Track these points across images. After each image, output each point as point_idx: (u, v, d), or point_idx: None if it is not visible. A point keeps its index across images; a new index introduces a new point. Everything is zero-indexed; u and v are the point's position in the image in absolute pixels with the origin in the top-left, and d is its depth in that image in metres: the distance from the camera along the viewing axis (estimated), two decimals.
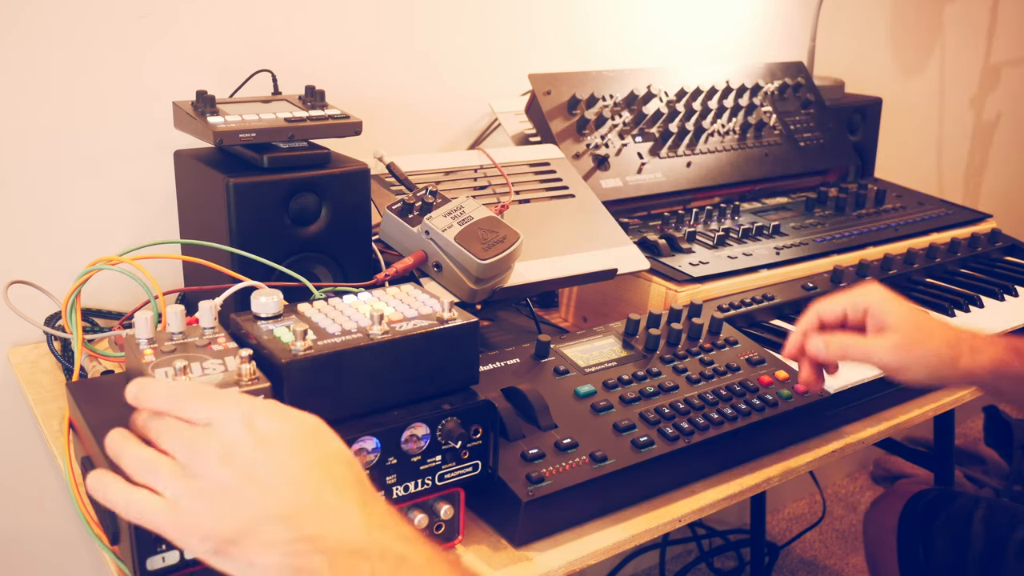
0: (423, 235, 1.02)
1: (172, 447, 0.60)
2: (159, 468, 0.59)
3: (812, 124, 1.66)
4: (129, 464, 0.60)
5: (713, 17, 1.86)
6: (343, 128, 1.05)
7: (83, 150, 1.21)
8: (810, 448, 1.02)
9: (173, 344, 0.74)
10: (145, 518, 0.58)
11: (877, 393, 1.08)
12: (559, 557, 0.82)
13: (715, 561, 2.22)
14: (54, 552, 1.32)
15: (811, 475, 2.01)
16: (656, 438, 0.90)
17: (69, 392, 0.79)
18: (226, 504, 0.57)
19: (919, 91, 2.40)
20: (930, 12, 2.34)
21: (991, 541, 1.28)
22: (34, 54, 1.16)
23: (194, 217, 1.11)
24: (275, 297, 0.78)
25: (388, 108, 1.45)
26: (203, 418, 0.61)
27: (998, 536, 1.27)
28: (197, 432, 0.60)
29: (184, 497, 0.58)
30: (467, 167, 1.24)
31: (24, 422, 1.24)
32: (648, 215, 1.41)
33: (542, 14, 1.60)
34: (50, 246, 1.22)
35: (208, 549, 0.57)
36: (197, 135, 1.01)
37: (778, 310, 1.23)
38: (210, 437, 0.59)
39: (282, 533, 0.57)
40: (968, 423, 2.84)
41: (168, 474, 0.58)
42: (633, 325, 1.07)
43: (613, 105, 1.44)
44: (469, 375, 0.81)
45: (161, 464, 0.59)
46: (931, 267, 1.41)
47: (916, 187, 1.71)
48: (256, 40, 1.31)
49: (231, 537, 0.57)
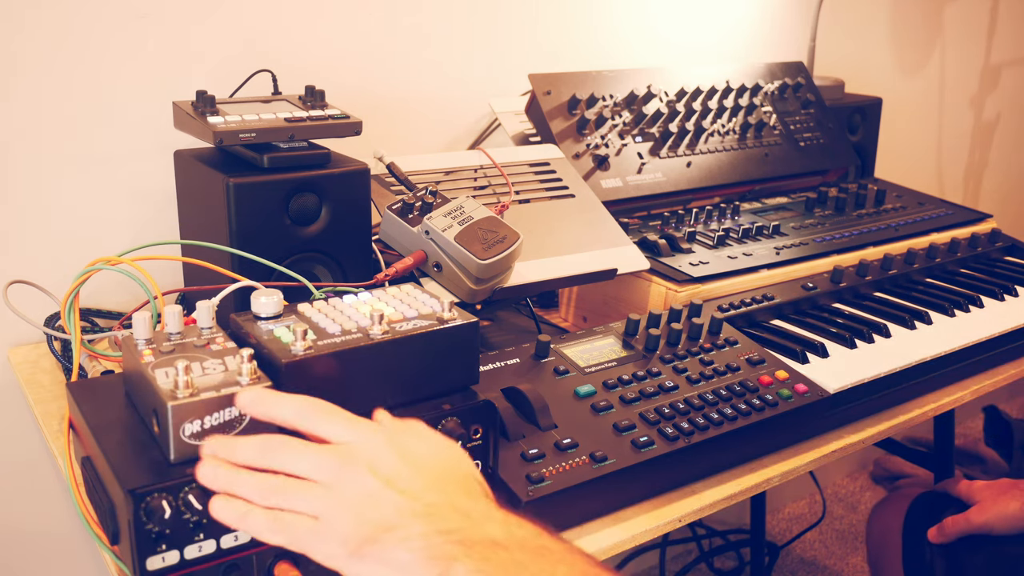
0: (423, 235, 1.02)
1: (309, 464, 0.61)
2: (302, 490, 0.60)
3: (812, 124, 1.66)
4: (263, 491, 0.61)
5: (713, 17, 1.86)
6: (343, 128, 1.05)
7: (83, 150, 1.21)
8: (810, 448, 1.02)
9: (171, 344, 0.74)
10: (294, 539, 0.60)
11: (877, 393, 1.08)
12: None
13: (715, 561, 2.22)
14: (54, 552, 1.31)
15: (811, 475, 2.00)
16: (656, 438, 0.90)
17: (69, 392, 0.79)
18: (368, 507, 0.59)
19: (919, 91, 2.39)
20: (930, 12, 2.34)
21: (995, 541, 1.28)
22: (34, 54, 1.16)
23: (194, 217, 1.11)
24: (275, 297, 0.78)
25: (388, 108, 1.45)
26: (344, 437, 0.63)
27: (1002, 536, 1.28)
28: (336, 448, 0.62)
29: (329, 510, 0.59)
30: (467, 167, 1.23)
31: (24, 422, 1.24)
32: (648, 215, 1.41)
33: (542, 14, 1.60)
34: (50, 246, 1.22)
35: (345, 553, 0.59)
36: (197, 135, 1.01)
37: (778, 310, 1.23)
38: (351, 451, 0.62)
39: (421, 527, 0.58)
40: (968, 423, 2.84)
41: (311, 494, 0.60)
42: (633, 325, 1.07)
43: (613, 105, 1.44)
44: (469, 375, 0.81)
45: (303, 486, 0.61)
46: (931, 267, 1.41)
47: (916, 187, 1.71)
48: (256, 40, 1.31)
49: (370, 535, 0.58)
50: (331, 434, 0.64)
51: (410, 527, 0.58)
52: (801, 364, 1.09)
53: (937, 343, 1.17)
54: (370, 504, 0.59)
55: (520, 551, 0.58)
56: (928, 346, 1.16)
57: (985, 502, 1.29)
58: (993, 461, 2.50)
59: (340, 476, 0.61)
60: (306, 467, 0.61)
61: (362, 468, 0.61)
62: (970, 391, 1.19)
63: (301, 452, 0.62)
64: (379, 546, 0.58)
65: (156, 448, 0.69)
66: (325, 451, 0.62)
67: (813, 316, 1.23)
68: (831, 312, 1.25)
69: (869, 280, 1.32)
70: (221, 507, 0.62)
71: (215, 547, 0.67)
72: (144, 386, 0.70)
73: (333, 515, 0.59)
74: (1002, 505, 1.27)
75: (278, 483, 0.61)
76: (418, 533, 0.58)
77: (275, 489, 0.61)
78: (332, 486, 0.60)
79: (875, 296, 1.32)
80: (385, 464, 0.62)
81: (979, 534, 1.28)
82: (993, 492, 1.30)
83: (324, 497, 0.60)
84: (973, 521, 1.28)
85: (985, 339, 1.21)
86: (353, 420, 0.65)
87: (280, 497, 0.61)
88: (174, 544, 0.65)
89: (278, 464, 0.62)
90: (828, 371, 1.07)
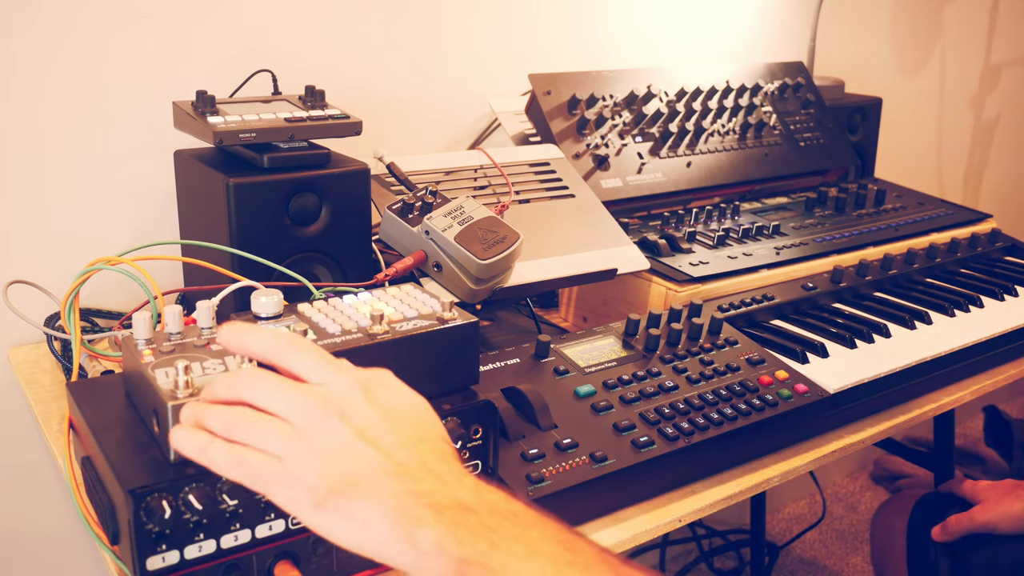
0: (423, 235, 1.02)
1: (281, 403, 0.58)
2: (269, 428, 0.58)
3: (812, 124, 1.66)
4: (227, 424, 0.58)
5: (713, 17, 1.86)
6: (343, 128, 1.05)
7: (83, 150, 1.21)
8: (810, 448, 1.02)
9: (172, 344, 0.74)
10: (255, 478, 0.57)
11: (877, 393, 1.08)
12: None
13: (715, 561, 2.22)
14: (54, 552, 1.32)
15: (811, 475, 2.00)
16: (656, 438, 0.90)
17: (69, 392, 0.79)
18: (336, 455, 0.57)
19: (919, 91, 2.39)
20: (930, 12, 2.34)
21: (999, 540, 1.28)
22: (34, 54, 1.16)
23: (194, 217, 1.11)
24: (275, 297, 0.78)
25: (388, 108, 1.45)
26: (316, 377, 0.60)
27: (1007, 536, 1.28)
28: (311, 388, 0.59)
29: (295, 452, 0.57)
30: (467, 167, 1.23)
31: (24, 422, 1.24)
32: (648, 215, 1.41)
33: (542, 14, 1.60)
34: (50, 246, 1.22)
35: (309, 501, 0.56)
36: (197, 135, 1.01)
37: (778, 310, 1.23)
38: (326, 395, 0.59)
39: (392, 486, 0.56)
40: (968, 423, 2.84)
41: (279, 433, 0.57)
42: (633, 325, 1.07)
43: (613, 105, 1.44)
44: (469, 375, 0.81)
45: (271, 424, 0.58)
46: (931, 267, 1.41)
47: (916, 187, 1.71)
48: (256, 40, 1.31)
49: (337, 487, 0.56)
50: (305, 371, 0.61)
51: (380, 484, 0.56)
52: (801, 364, 1.09)
53: (937, 343, 1.17)
54: (339, 454, 0.57)
55: (490, 515, 0.56)
56: (928, 346, 1.16)
57: (989, 501, 1.30)
58: (993, 461, 2.50)
59: (310, 418, 0.58)
60: (276, 403, 0.58)
61: (333, 414, 0.58)
62: (970, 391, 1.19)
63: (271, 386, 0.59)
64: (344, 499, 0.56)
65: (156, 448, 0.69)
66: (297, 389, 0.59)
67: (813, 316, 1.23)
68: (831, 312, 1.25)
69: (869, 280, 1.32)
70: (182, 437, 0.59)
71: (215, 547, 0.67)
72: (144, 386, 0.70)
73: (299, 459, 0.56)
74: (1006, 505, 1.28)
75: (244, 416, 0.58)
76: (388, 491, 0.56)
77: (240, 422, 0.58)
78: (301, 428, 0.57)
79: (875, 296, 1.32)
80: (358, 413, 0.59)
81: (983, 533, 1.29)
82: (997, 492, 1.31)
83: (292, 438, 0.57)
84: (976, 520, 1.29)
85: (985, 339, 1.21)
86: (329, 359, 0.62)
87: (244, 430, 0.58)
88: (174, 544, 0.65)
89: (246, 395, 0.59)
90: (828, 371, 1.07)
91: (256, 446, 0.58)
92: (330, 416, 0.58)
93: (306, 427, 0.58)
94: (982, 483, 1.35)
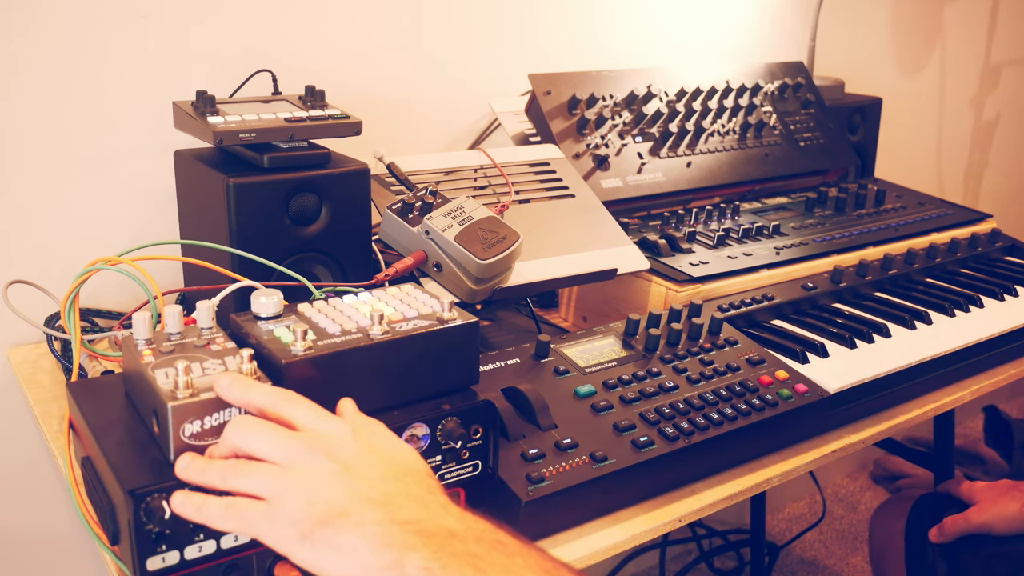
0: (423, 235, 1.02)
1: (268, 445, 0.61)
2: (254, 471, 0.60)
3: (812, 124, 1.66)
4: (224, 477, 0.61)
5: (713, 17, 1.86)
6: (343, 128, 1.05)
7: (83, 150, 1.21)
8: (810, 448, 1.02)
9: (171, 345, 0.74)
10: (244, 522, 0.59)
11: (877, 393, 1.08)
12: (559, 557, 0.82)
13: (715, 561, 2.22)
14: (54, 552, 1.32)
15: (811, 475, 2.01)
16: (656, 438, 0.90)
17: (69, 392, 0.79)
18: (321, 485, 0.58)
19: (919, 91, 2.39)
20: (930, 12, 2.34)
21: (996, 541, 1.28)
22: (34, 54, 1.16)
23: (194, 217, 1.11)
24: (275, 297, 0.78)
25: (388, 108, 1.45)
26: (307, 423, 0.63)
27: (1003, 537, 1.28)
28: (299, 432, 0.62)
29: (279, 489, 0.58)
30: (467, 167, 1.23)
31: (24, 422, 1.24)
32: (648, 215, 1.41)
33: (542, 14, 1.60)
34: (50, 246, 1.22)
35: (296, 535, 0.57)
36: (197, 135, 1.01)
37: (778, 310, 1.23)
38: (314, 435, 0.61)
39: (377, 515, 0.57)
40: (968, 423, 2.84)
41: (264, 474, 0.59)
42: (633, 325, 1.07)
43: (613, 105, 1.44)
44: (469, 375, 0.81)
45: (256, 467, 0.60)
46: (931, 267, 1.41)
47: (916, 187, 1.71)
48: (256, 40, 1.31)
49: (323, 518, 0.57)
50: (297, 419, 0.63)
51: (365, 513, 0.57)
52: (801, 364, 1.09)
53: (937, 343, 1.17)
54: (324, 484, 0.58)
55: (476, 543, 0.57)
56: (928, 346, 1.16)
57: (985, 502, 1.30)
58: (993, 461, 2.50)
59: (295, 455, 0.60)
60: (264, 446, 0.61)
61: (320, 451, 0.60)
62: (970, 391, 1.19)
63: (258, 431, 0.61)
64: (331, 530, 0.56)
65: (156, 448, 0.69)
66: (283, 432, 0.61)
67: (813, 316, 1.23)
68: (831, 312, 1.25)
69: (869, 280, 1.32)
70: (180, 502, 0.61)
71: (215, 547, 0.67)
72: (144, 386, 0.70)
73: (284, 495, 0.58)
74: (1002, 506, 1.28)
75: (237, 464, 0.61)
76: (373, 520, 0.57)
77: (234, 470, 0.60)
78: (287, 467, 0.59)
79: (875, 296, 1.32)
80: (345, 450, 0.61)
81: (980, 534, 1.29)
82: (993, 493, 1.31)
83: (276, 476, 0.59)
84: (972, 521, 1.29)
85: (985, 339, 1.21)
86: (321, 412, 0.64)
87: (235, 478, 0.60)
88: (174, 544, 0.65)
89: (236, 444, 0.62)
90: (828, 371, 1.07)
91: (244, 491, 0.60)
92: (316, 452, 0.60)
93: (291, 463, 0.60)
94: (978, 484, 1.35)
